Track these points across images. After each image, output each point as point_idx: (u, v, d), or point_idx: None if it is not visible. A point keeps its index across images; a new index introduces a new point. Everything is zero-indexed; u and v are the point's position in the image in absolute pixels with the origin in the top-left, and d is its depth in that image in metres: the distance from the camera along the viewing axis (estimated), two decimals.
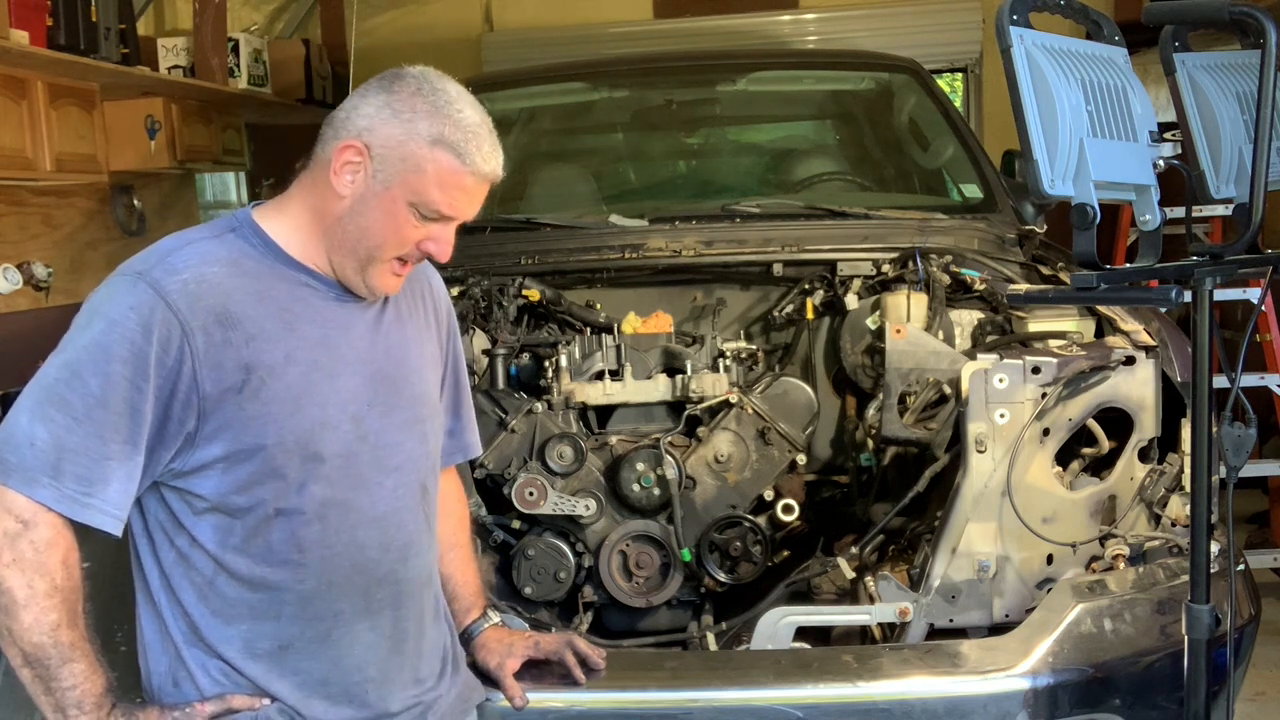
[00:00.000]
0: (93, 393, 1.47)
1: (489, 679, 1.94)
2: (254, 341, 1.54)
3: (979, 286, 2.80)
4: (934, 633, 2.24)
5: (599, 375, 2.69)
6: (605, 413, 2.72)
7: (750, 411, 2.59)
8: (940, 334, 2.70)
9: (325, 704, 1.63)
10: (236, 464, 1.54)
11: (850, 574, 2.45)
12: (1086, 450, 2.38)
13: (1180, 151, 1.80)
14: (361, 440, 1.63)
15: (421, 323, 1.79)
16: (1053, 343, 2.47)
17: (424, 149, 1.55)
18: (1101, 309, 2.56)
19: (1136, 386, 2.30)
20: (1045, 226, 3.27)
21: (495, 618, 2.01)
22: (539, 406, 2.59)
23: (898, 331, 2.61)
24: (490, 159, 1.58)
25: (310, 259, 1.63)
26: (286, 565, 1.59)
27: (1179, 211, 2.81)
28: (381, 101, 1.57)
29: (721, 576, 2.54)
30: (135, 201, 5.17)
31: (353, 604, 1.64)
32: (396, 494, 1.68)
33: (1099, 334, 2.57)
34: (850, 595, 2.43)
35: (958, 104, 5.92)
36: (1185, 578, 1.98)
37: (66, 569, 1.50)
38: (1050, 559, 2.27)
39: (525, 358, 2.84)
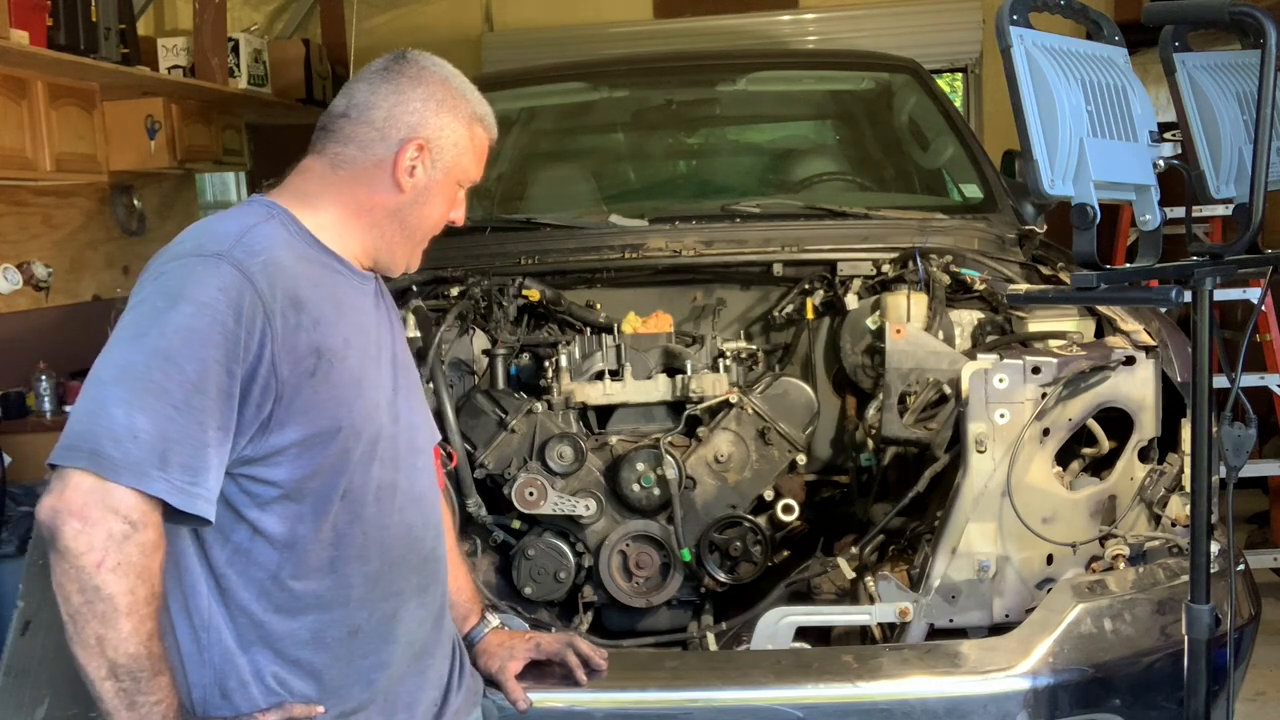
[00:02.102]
0: (190, 378, 1.42)
1: (491, 682, 1.94)
2: (319, 326, 1.54)
3: (979, 286, 2.80)
4: (934, 633, 2.24)
5: (599, 375, 2.69)
6: (605, 413, 2.72)
7: (750, 411, 2.59)
8: (940, 334, 2.70)
9: (386, 685, 1.64)
10: (311, 447, 1.52)
11: (850, 574, 2.45)
12: (1086, 450, 2.38)
13: (1180, 151, 1.80)
14: (395, 422, 1.65)
15: (396, 312, 1.82)
16: (1053, 343, 2.47)
17: (466, 130, 1.67)
18: (1101, 309, 2.56)
19: (1136, 386, 2.30)
20: (1045, 226, 3.27)
21: (494, 620, 2.01)
22: (539, 406, 2.59)
23: (898, 331, 2.61)
24: (491, 114, 1.72)
25: (342, 249, 1.64)
26: (353, 548, 1.58)
27: (1179, 211, 2.82)
28: (423, 94, 1.64)
29: (721, 576, 2.54)
30: (135, 201, 5.18)
31: (409, 582, 1.66)
32: (425, 473, 1.72)
33: (1099, 334, 2.57)
34: (850, 595, 2.43)
35: (958, 104, 5.92)
36: (1185, 578, 1.98)
37: (162, 574, 1.44)
38: (1050, 559, 2.27)
39: (525, 358, 2.84)
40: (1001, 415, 2.25)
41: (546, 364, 2.73)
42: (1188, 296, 1.74)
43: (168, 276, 1.49)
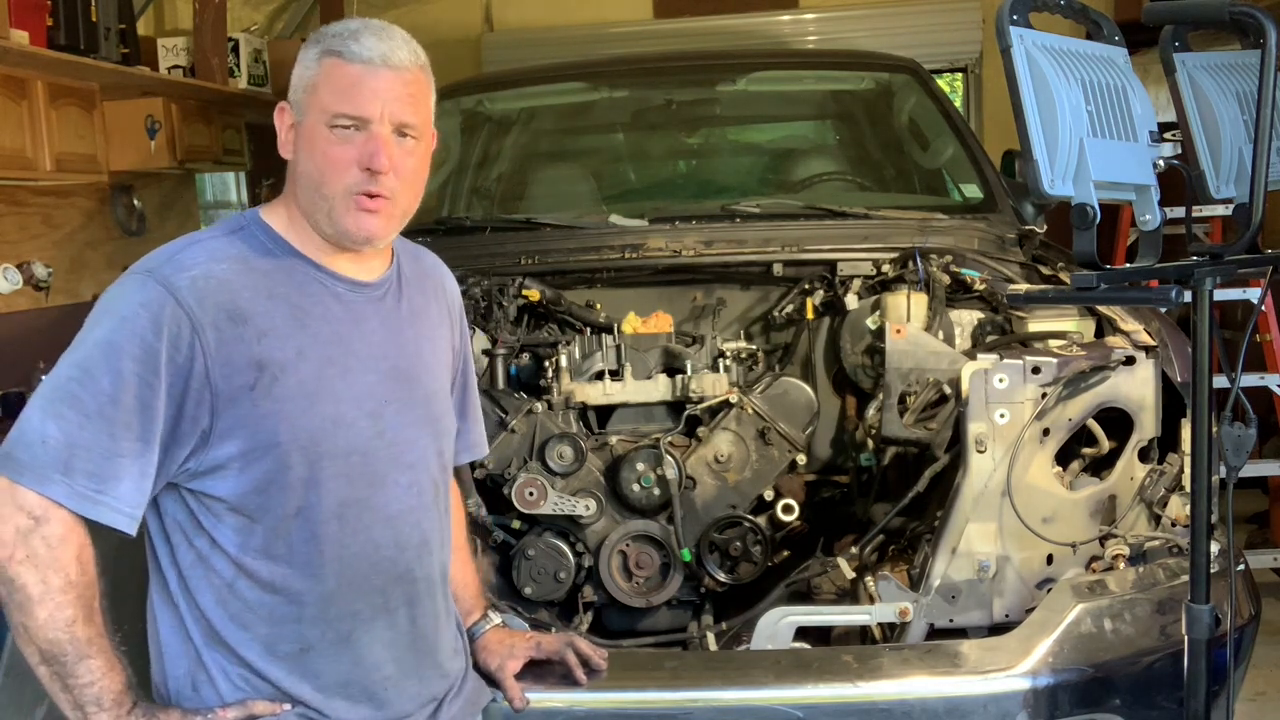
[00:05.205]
0: (104, 390, 1.48)
1: (490, 680, 1.94)
2: (265, 338, 1.54)
3: (979, 286, 2.80)
4: (934, 633, 2.24)
5: (599, 375, 2.69)
6: (605, 413, 2.72)
7: (750, 411, 2.59)
8: (940, 334, 2.70)
9: (345, 704, 1.63)
10: (251, 463, 1.54)
11: (850, 574, 2.45)
12: (1086, 450, 2.38)
13: (1180, 151, 1.80)
14: (379, 437, 1.63)
15: (436, 320, 1.79)
16: (1053, 343, 2.47)
17: (314, 68, 1.59)
18: (1101, 309, 2.56)
19: (1136, 386, 2.30)
20: (1045, 226, 3.27)
21: (496, 619, 2.01)
22: (539, 406, 2.59)
23: (898, 331, 2.61)
24: (371, 46, 1.57)
25: (313, 251, 1.63)
26: (307, 566, 1.58)
27: (1179, 211, 2.81)
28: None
29: (721, 576, 2.54)
30: (135, 201, 5.17)
31: (370, 603, 1.64)
32: (411, 491, 1.68)
33: (1099, 334, 2.57)
34: (850, 595, 2.43)
35: (958, 104, 5.91)
36: (1185, 578, 1.98)
37: (80, 565, 1.50)
38: (1050, 559, 2.27)
39: (525, 358, 2.84)
40: (1001, 415, 2.25)
41: (546, 364, 2.73)
42: (1188, 296, 1.74)
43: (107, 293, 1.56)
